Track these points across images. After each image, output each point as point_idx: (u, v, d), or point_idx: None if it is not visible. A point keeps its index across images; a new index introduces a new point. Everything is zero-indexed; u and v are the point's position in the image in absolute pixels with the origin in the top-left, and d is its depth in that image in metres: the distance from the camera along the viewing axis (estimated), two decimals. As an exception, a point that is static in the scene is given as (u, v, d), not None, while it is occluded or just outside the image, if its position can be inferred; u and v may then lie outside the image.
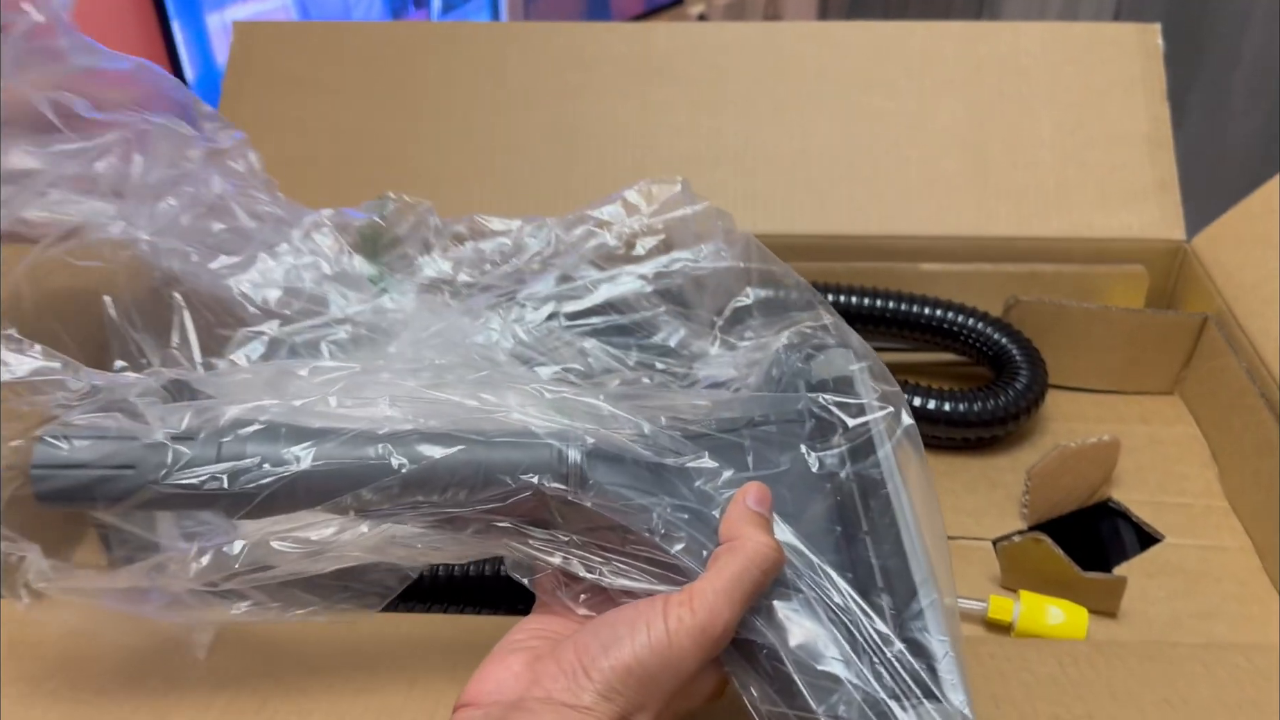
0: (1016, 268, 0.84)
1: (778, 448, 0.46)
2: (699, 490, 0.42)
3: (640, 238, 0.49)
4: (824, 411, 0.46)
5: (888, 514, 0.44)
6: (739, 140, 0.86)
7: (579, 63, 0.89)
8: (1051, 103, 0.85)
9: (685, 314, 0.47)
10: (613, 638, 0.38)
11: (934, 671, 0.39)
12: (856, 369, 0.48)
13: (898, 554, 0.42)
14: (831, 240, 0.84)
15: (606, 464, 0.41)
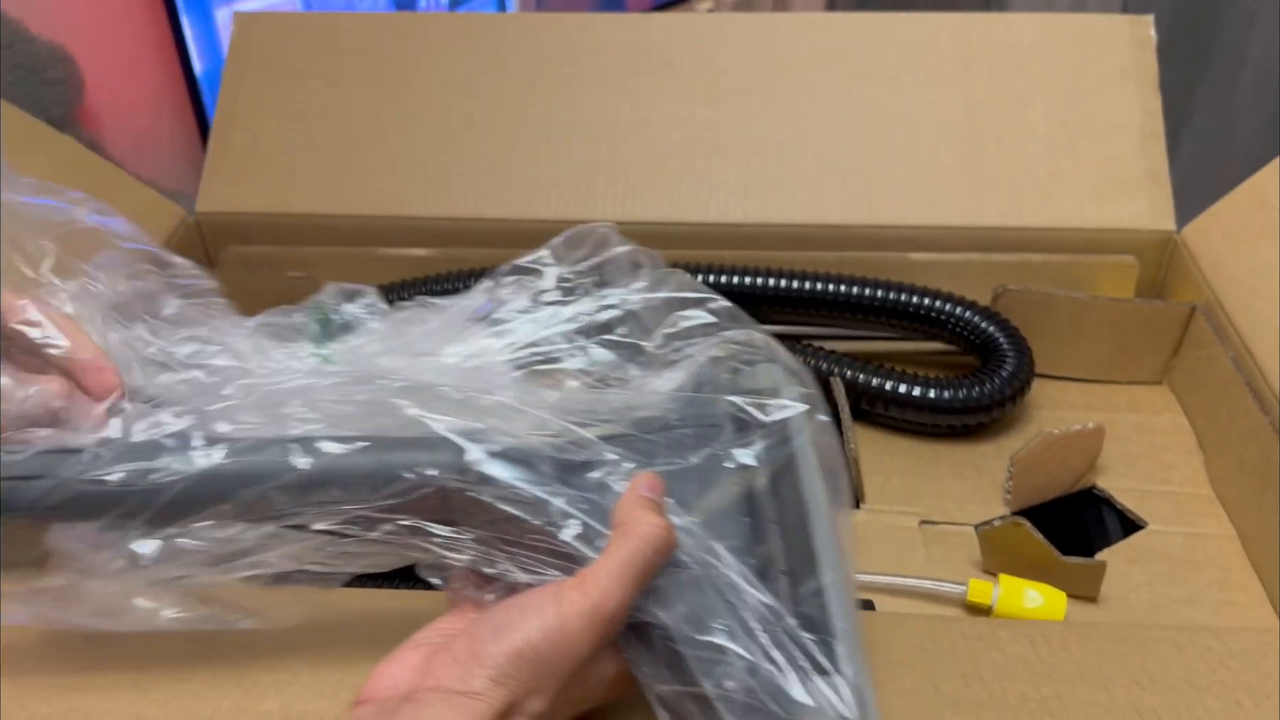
0: (1006, 258, 0.84)
1: (690, 448, 0.46)
2: (598, 482, 0.42)
3: (572, 280, 0.51)
4: (740, 412, 0.46)
5: (797, 504, 0.44)
6: (733, 130, 0.87)
7: (576, 54, 0.90)
8: (1044, 93, 0.86)
9: (616, 344, 0.48)
10: (505, 623, 0.38)
11: (828, 646, 0.39)
12: (782, 378, 0.48)
13: (803, 539, 0.42)
14: (822, 229, 0.85)
15: (506, 459, 0.41)
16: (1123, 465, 0.75)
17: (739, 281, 0.82)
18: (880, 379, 0.76)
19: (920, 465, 0.75)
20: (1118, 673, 0.48)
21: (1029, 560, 0.64)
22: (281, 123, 0.92)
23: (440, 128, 0.90)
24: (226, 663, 0.49)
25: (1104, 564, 0.63)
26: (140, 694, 0.46)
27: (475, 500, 0.41)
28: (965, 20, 0.88)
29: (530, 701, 0.37)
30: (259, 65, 0.93)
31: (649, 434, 0.46)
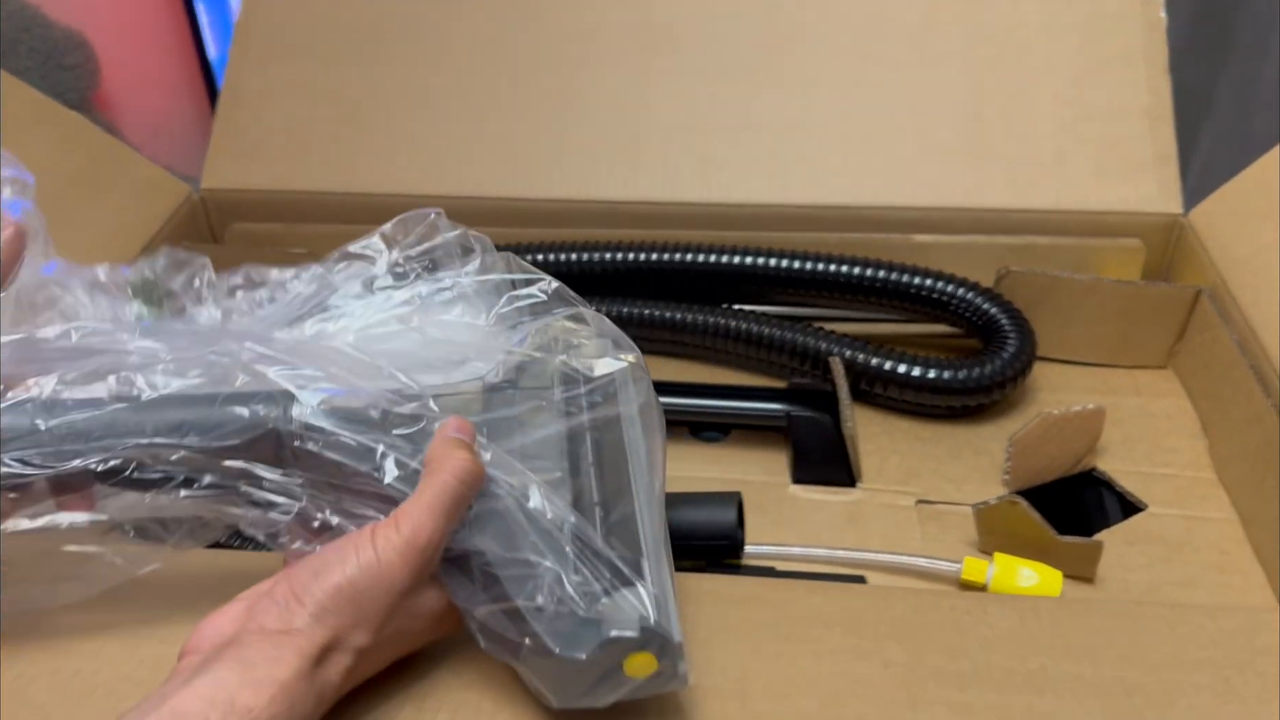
0: (1011, 240, 0.84)
1: (517, 402, 0.48)
2: (423, 432, 0.43)
3: (404, 265, 0.51)
4: (568, 369, 0.48)
5: (615, 446, 0.45)
6: (736, 109, 0.87)
7: (579, 32, 0.90)
8: (1050, 74, 0.85)
9: (450, 326, 0.49)
10: (323, 564, 0.39)
11: (636, 564, 0.40)
12: (610, 347, 0.49)
13: (617, 477, 0.44)
14: (825, 210, 0.84)
15: (335, 406, 0.43)
16: (1123, 449, 0.74)
17: (740, 261, 0.82)
18: (880, 359, 0.76)
19: (919, 446, 0.75)
20: (1106, 648, 0.48)
21: (1025, 539, 0.64)
22: (286, 101, 0.93)
23: (444, 107, 0.90)
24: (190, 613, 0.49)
25: (1100, 544, 0.63)
26: (128, 655, 0.46)
27: (304, 449, 0.42)
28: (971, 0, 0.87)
29: (352, 637, 0.39)
30: (265, 43, 0.94)
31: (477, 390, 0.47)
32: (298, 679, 0.37)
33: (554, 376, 0.48)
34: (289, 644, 0.37)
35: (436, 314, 0.48)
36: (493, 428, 0.45)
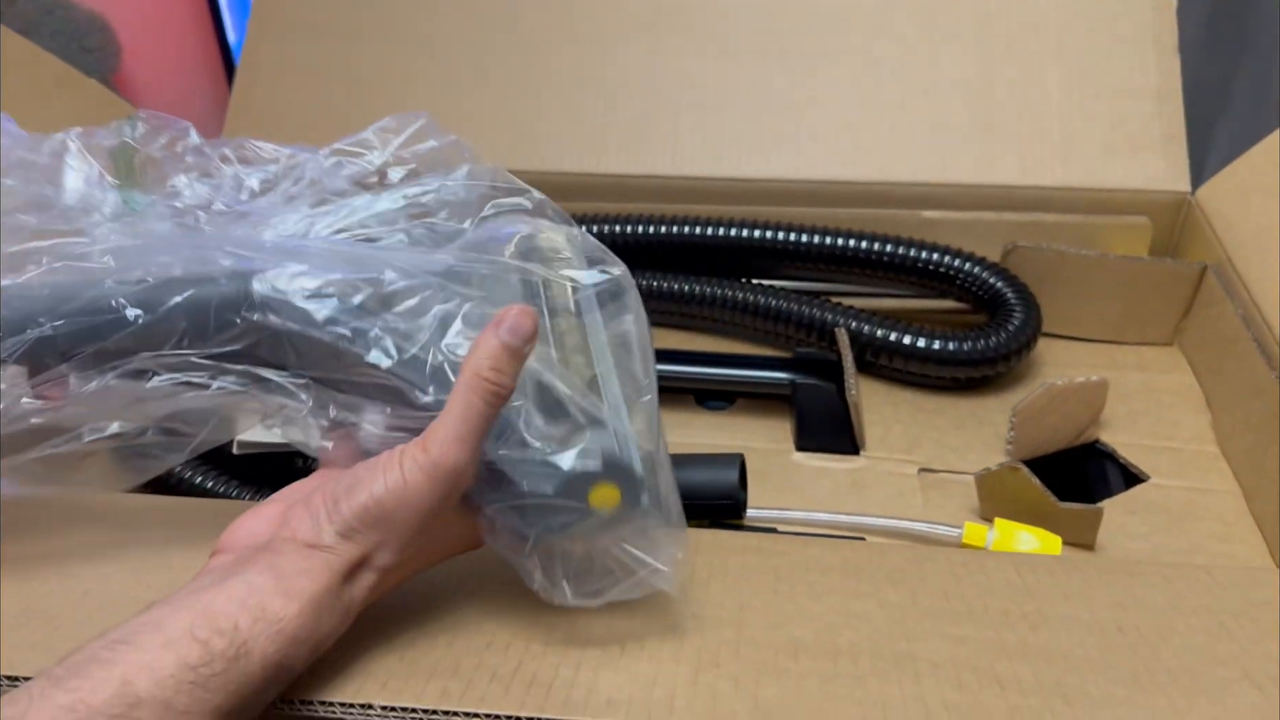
0: (1019, 217, 0.84)
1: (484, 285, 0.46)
2: (416, 309, 0.43)
3: (391, 167, 0.51)
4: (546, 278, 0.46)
5: (580, 329, 0.45)
6: (746, 85, 0.87)
7: (592, 9, 0.91)
8: (1060, 54, 0.85)
9: (434, 227, 0.48)
10: (355, 481, 0.39)
11: (597, 409, 0.41)
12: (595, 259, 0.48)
13: (581, 352, 0.44)
14: (834, 186, 0.85)
15: (321, 294, 0.43)
16: (1127, 421, 0.74)
17: (748, 235, 0.82)
18: (885, 330, 0.76)
19: (923, 416, 0.75)
20: (1102, 595, 0.48)
21: (1026, 506, 0.64)
22: (301, 78, 0.94)
23: (455, 82, 0.91)
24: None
25: (1101, 510, 0.63)
26: (137, 580, 0.47)
27: (300, 335, 0.42)
28: (982, -20, 0.88)
29: (379, 555, 0.39)
30: (281, 22, 0.95)
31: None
32: (326, 593, 0.37)
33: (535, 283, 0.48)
34: (319, 558, 0.38)
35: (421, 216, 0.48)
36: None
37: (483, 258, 0.44)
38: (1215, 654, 0.42)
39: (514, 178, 0.50)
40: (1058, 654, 0.41)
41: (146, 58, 1.49)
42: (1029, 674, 0.39)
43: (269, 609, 0.36)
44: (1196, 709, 0.38)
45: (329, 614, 0.38)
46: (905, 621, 0.44)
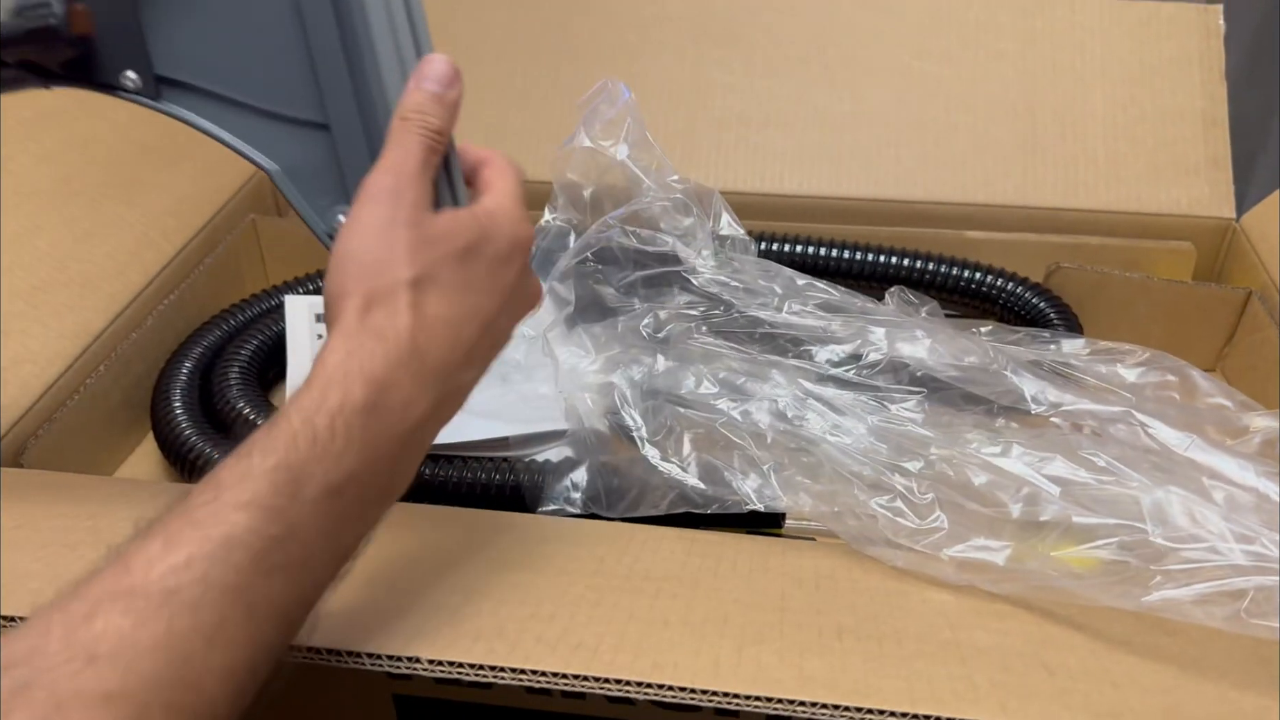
0: (1062, 239, 0.84)
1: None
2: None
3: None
4: None
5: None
6: (790, 101, 0.88)
7: (638, 22, 0.92)
8: (1105, 77, 0.86)
9: None
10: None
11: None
12: None
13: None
14: (876, 204, 0.85)
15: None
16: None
17: (789, 250, 0.82)
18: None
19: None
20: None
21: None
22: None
23: (503, 92, 0.92)
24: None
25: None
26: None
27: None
28: (1029, 3, 0.88)
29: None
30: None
31: None
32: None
33: None
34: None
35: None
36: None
37: None
38: (1261, 651, 0.41)
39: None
40: (1104, 645, 0.40)
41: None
42: (1075, 662, 0.39)
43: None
44: (1248, 698, 0.37)
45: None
46: (948, 614, 0.44)
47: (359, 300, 0.39)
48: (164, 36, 0.41)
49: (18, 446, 0.64)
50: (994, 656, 0.39)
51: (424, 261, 0.39)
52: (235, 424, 0.68)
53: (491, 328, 0.42)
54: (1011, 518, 0.49)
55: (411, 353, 0.38)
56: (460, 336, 0.40)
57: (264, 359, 0.75)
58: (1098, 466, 0.50)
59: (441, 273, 0.40)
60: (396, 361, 0.38)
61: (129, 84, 0.41)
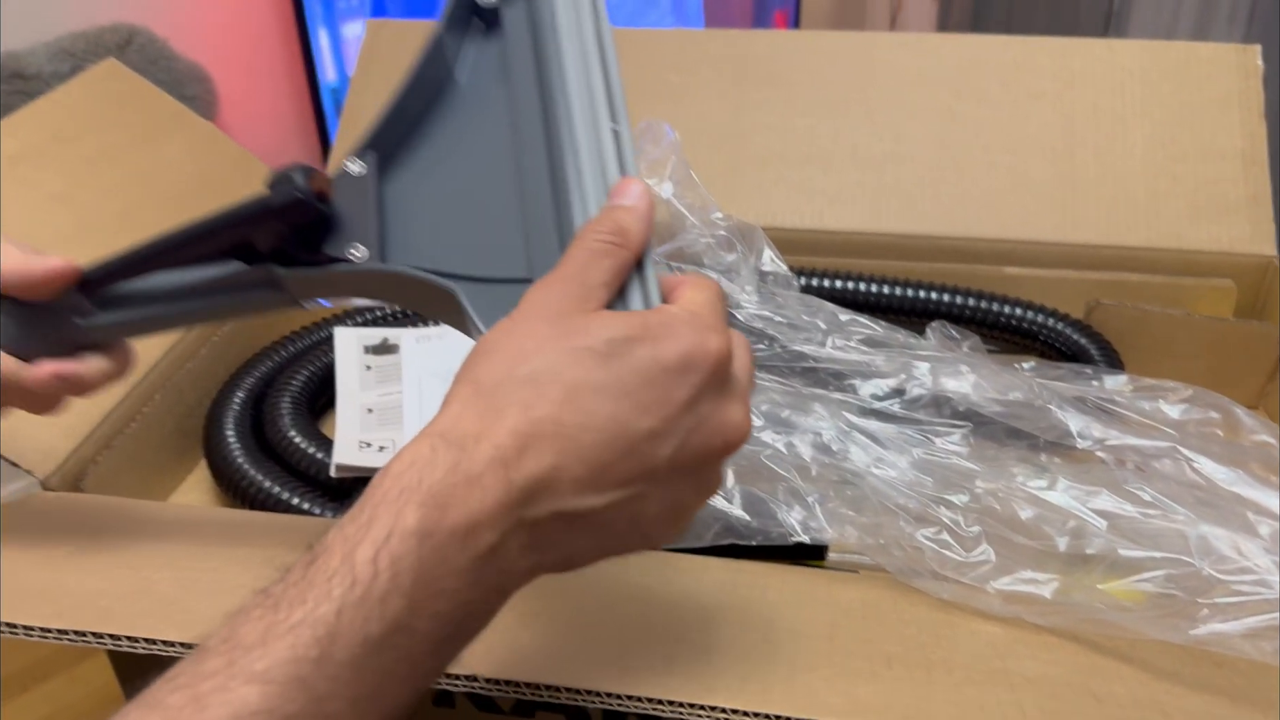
0: (1102, 276, 0.84)
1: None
2: None
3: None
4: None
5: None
6: (829, 140, 0.89)
7: (680, 65, 0.94)
8: (1144, 116, 0.86)
9: None
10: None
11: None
12: None
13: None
14: (916, 240, 0.86)
15: None
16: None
17: (829, 285, 0.83)
18: (967, 379, 0.77)
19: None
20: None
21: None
22: (402, 123, 0.97)
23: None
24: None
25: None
26: (244, 570, 0.49)
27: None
28: (1067, 44, 0.89)
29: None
30: (387, 69, 0.99)
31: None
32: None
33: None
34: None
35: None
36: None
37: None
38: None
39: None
40: (1152, 676, 0.41)
41: (242, 107, 1.57)
42: (1124, 691, 0.39)
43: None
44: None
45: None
46: (996, 644, 0.44)
47: (463, 394, 0.33)
48: (395, 239, 0.42)
49: (78, 472, 0.65)
50: (1042, 685, 0.39)
51: (550, 355, 0.32)
52: (286, 451, 0.70)
53: (639, 452, 0.32)
54: (1058, 551, 0.49)
55: (492, 463, 0.31)
56: (579, 451, 0.31)
57: (314, 389, 0.77)
58: (1143, 500, 0.50)
59: (571, 369, 0.32)
60: (467, 476, 0.30)
61: (355, 255, 0.42)
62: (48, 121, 0.80)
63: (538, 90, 0.42)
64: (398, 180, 0.44)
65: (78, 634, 0.42)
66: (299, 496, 0.68)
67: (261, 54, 1.59)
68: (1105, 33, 1.97)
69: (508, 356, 0.33)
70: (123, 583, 0.47)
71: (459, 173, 0.43)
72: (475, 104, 0.43)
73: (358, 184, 0.43)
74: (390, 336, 0.80)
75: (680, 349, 0.33)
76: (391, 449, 0.68)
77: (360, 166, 0.43)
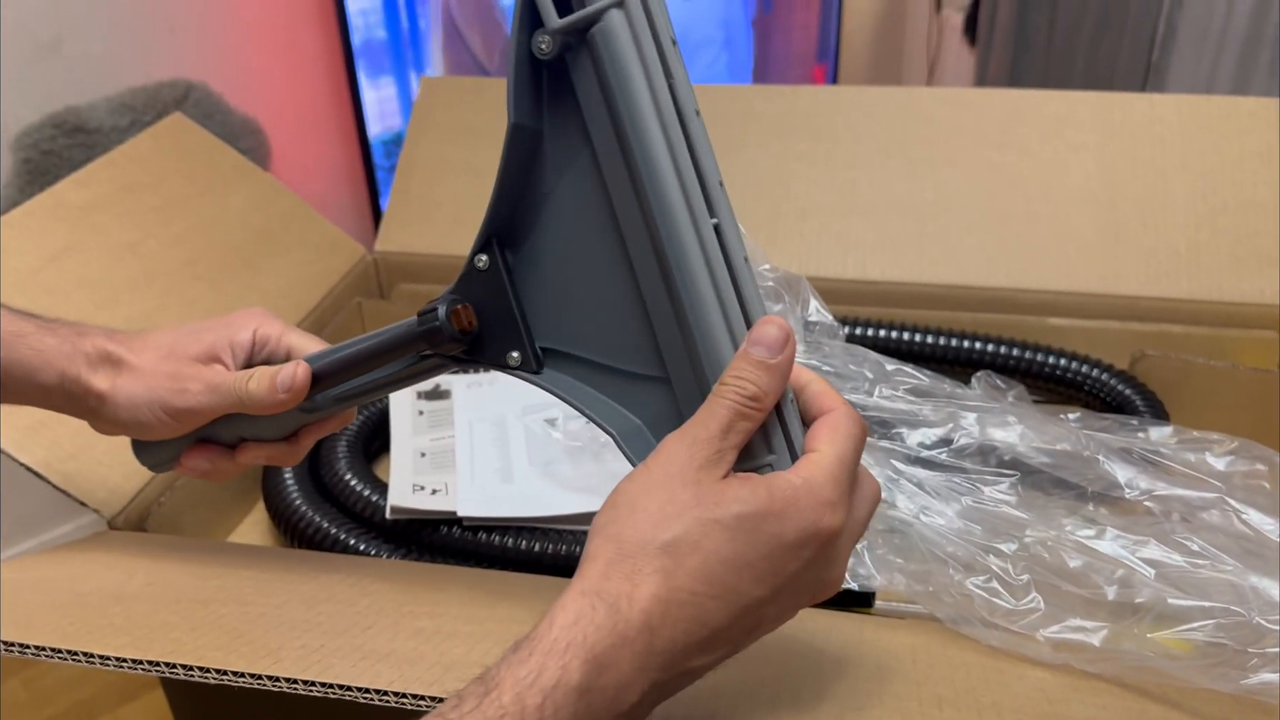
0: (1145, 327, 0.85)
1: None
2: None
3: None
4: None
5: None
6: (873, 192, 0.91)
7: (724, 119, 0.96)
8: (1184, 169, 0.87)
9: None
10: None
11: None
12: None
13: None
14: (958, 290, 0.87)
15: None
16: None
17: (875, 334, 0.85)
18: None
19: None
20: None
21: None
22: (454, 175, 1.00)
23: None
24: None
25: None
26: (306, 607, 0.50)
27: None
28: (1107, 98, 0.91)
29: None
30: (439, 123, 1.02)
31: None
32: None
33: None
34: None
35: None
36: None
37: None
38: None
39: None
40: (1203, 723, 0.41)
41: (293, 158, 1.61)
42: (1176, 738, 0.40)
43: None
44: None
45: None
46: (1045, 689, 0.45)
47: (608, 552, 0.37)
48: (539, 320, 0.46)
49: (142, 512, 0.68)
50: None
51: (688, 524, 0.36)
52: (343, 494, 0.71)
53: (748, 615, 0.37)
54: (1107, 600, 0.49)
55: (641, 629, 0.35)
56: (704, 617, 0.36)
57: (369, 433, 0.79)
58: (1191, 550, 0.51)
59: (705, 541, 0.36)
60: (622, 639, 0.35)
61: (512, 362, 0.46)
62: (118, 173, 0.83)
63: (622, 159, 0.42)
64: (524, 264, 0.46)
65: (150, 664, 0.43)
66: (355, 537, 0.70)
67: (312, 107, 1.64)
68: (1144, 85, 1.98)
69: (650, 518, 0.37)
70: (196, 617, 0.49)
71: (572, 251, 0.45)
72: (567, 174, 0.45)
73: (491, 278, 0.46)
74: (442, 383, 0.82)
75: (799, 528, 0.37)
76: (444, 492, 0.70)
77: (485, 260, 0.46)
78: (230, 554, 0.60)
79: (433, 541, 0.69)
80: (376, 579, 0.55)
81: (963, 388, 0.68)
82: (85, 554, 0.60)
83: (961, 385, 0.69)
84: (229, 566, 0.57)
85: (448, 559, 0.69)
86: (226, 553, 0.61)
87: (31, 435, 0.64)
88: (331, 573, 0.57)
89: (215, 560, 0.58)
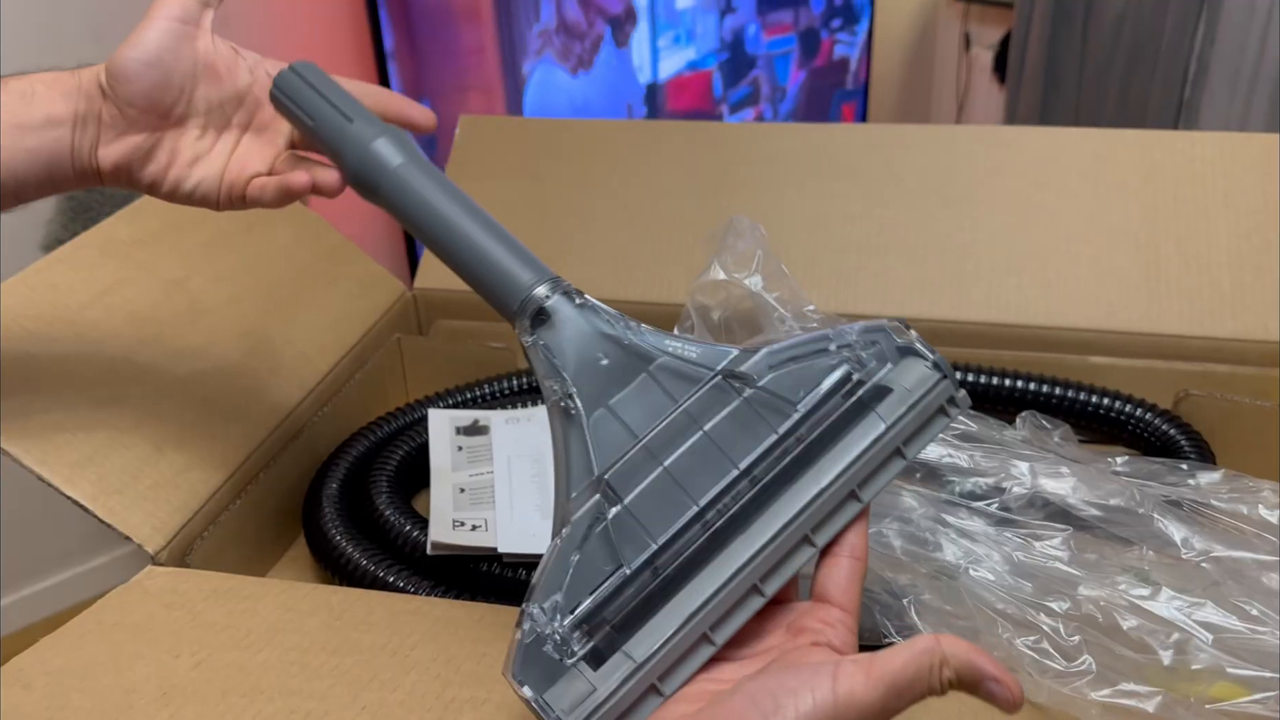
0: (1189, 366, 0.84)
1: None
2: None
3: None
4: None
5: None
6: (910, 230, 0.91)
7: (761, 157, 0.97)
8: (1226, 207, 0.87)
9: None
10: (773, 709, 0.37)
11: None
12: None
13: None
14: (998, 328, 0.87)
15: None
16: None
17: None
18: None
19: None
20: None
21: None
22: (493, 212, 1.00)
23: (632, 222, 0.97)
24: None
25: None
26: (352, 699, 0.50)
27: None
28: (1145, 136, 0.91)
29: None
30: (477, 161, 1.03)
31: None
32: None
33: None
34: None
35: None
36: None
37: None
38: None
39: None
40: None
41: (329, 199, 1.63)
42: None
43: None
44: None
45: None
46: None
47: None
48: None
49: (184, 547, 0.68)
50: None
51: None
52: (383, 529, 0.71)
53: None
54: (1162, 665, 0.48)
55: None
56: None
57: (408, 469, 0.79)
58: (1250, 616, 0.50)
59: None
60: None
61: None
62: (165, 210, 0.84)
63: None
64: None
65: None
66: (394, 575, 0.69)
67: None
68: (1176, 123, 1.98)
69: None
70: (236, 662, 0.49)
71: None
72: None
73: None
74: (481, 418, 0.82)
75: None
76: (484, 528, 0.70)
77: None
78: (273, 593, 0.60)
79: (473, 577, 0.69)
80: (422, 638, 0.55)
81: (1009, 428, 0.67)
82: (129, 616, 0.59)
83: (1007, 426, 0.68)
84: (275, 630, 0.56)
85: (488, 596, 0.68)
86: (270, 592, 0.60)
87: (79, 471, 0.65)
88: (373, 631, 0.57)
89: (254, 597, 0.58)
